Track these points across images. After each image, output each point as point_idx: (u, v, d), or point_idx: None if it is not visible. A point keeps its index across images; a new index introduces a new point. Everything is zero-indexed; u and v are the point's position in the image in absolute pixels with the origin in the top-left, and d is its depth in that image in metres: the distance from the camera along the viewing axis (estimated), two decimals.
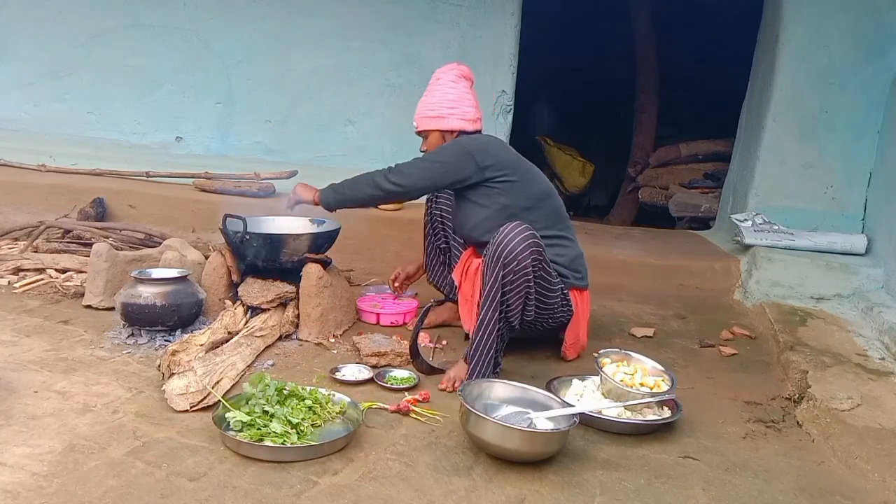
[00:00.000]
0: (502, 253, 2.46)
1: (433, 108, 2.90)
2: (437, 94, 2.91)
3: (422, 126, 2.94)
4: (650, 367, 2.56)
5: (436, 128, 2.90)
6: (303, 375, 2.61)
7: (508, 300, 2.50)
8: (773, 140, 4.44)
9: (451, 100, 2.89)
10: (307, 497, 1.87)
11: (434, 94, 2.92)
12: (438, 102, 2.89)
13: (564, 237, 2.85)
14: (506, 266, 2.46)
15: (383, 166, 3.21)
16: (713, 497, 2.02)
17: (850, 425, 2.40)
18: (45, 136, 5.14)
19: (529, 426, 2.17)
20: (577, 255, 2.88)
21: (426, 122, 2.92)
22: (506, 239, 2.47)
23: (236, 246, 2.99)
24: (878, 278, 3.86)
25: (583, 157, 7.00)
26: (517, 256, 2.45)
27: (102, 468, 1.93)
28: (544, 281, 2.62)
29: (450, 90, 2.90)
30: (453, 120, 2.88)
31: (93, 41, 5.14)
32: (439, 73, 2.97)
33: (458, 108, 2.89)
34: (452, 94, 2.90)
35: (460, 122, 2.88)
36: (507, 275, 2.47)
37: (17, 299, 3.20)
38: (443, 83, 2.93)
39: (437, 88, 2.93)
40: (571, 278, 2.81)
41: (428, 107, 2.92)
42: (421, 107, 2.95)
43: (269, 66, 5.06)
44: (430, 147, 2.93)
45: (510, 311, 2.53)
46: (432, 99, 2.92)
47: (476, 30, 4.81)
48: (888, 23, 4.19)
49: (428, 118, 2.91)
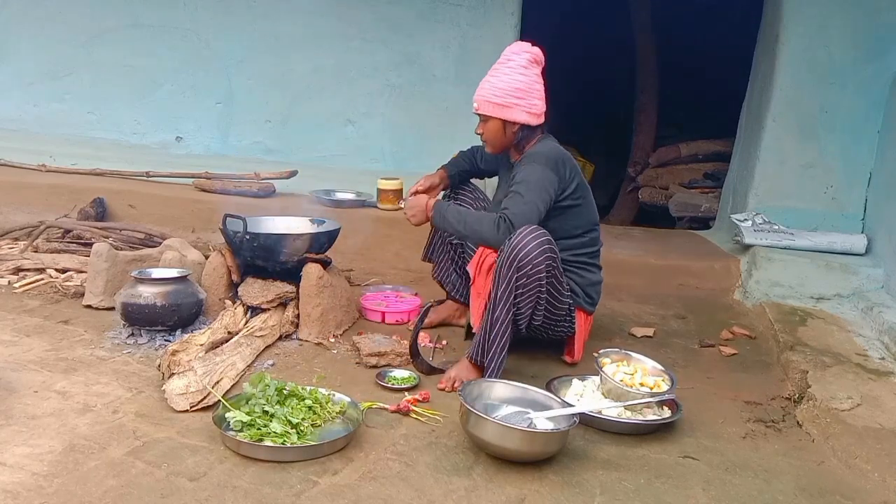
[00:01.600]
0: (517, 256, 2.44)
1: (499, 95, 2.67)
2: (506, 78, 2.67)
3: (483, 110, 2.72)
4: (650, 366, 2.56)
5: (499, 116, 2.69)
6: (303, 375, 2.61)
7: (519, 303, 2.50)
8: (773, 140, 4.44)
9: (519, 88, 2.66)
10: (307, 497, 1.87)
11: (502, 78, 2.68)
12: (506, 89, 2.66)
13: (594, 264, 2.87)
14: (520, 269, 2.44)
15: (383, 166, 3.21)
16: (713, 497, 2.02)
17: (850, 425, 2.40)
18: (45, 136, 5.14)
19: (529, 426, 2.17)
20: (596, 281, 2.88)
21: (489, 108, 2.70)
22: (521, 243, 2.44)
23: (236, 246, 2.99)
24: (878, 278, 3.86)
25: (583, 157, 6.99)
26: (532, 261, 2.43)
27: (102, 468, 1.93)
28: (554, 289, 2.62)
29: (520, 76, 2.67)
30: (518, 112, 2.68)
31: (93, 41, 5.14)
32: (511, 53, 2.72)
33: (525, 99, 2.67)
34: (522, 81, 2.67)
35: (525, 116, 2.69)
36: (520, 278, 2.45)
37: (17, 299, 3.20)
38: (514, 67, 2.68)
39: (506, 71, 2.68)
40: (582, 299, 2.81)
41: (493, 90, 2.68)
42: (485, 87, 2.71)
43: (269, 66, 5.06)
44: (489, 134, 2.75)
45: (519, 314, 2.52)
46: (499, 83, 2.68)
47: (476, 30, 4.81)
48: (888, 23, 4.19)
49: (492, 104, 2.69)
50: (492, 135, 2.76)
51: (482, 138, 2.81)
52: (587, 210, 2.79)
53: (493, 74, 2.72)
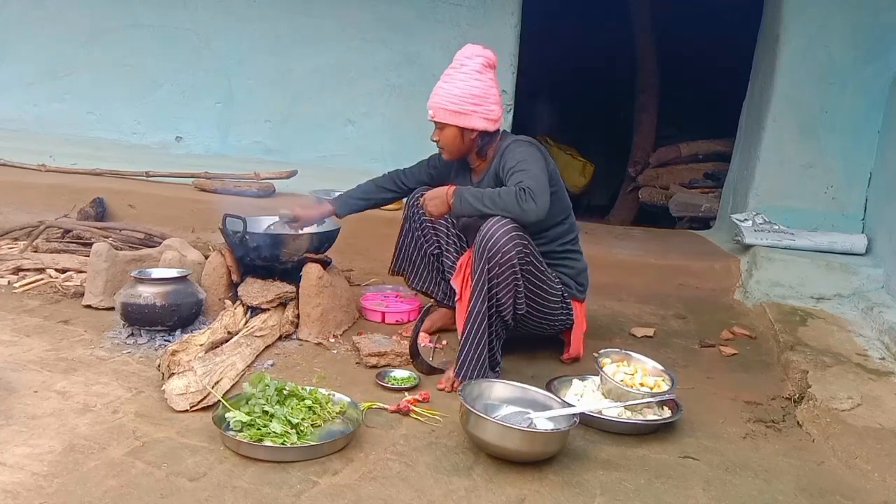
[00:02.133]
0: (486, 246, 2.45)
1: (455, 102, 2.64)
2: (461, 84, 2.64)
3: (439, 117, 2.68)
4: (650, 367, 2.56)
5: (455, 123, 2.66)
6: (303, 375, 2.61)
7: (497, 294, 2.49)
8: (773, 140, 4.44)
9: (475, 95, 2.63)
10: (307, 497, 1.87)
11: (457, 84, 2.65)
12: (461, 96, 2.63)
13: (577, 251, 2.88)
14: (490, 260, 2.45)
15: (383, 166, 3.21)
16: (713, 497, 2.02)
17: (850, 425, 2.40)
18: (45, 136, 5.13)
19: (529, 426, 2.17)
20: (583, 268, 2.90)
21: (445, 115, 2.67)
22: (489, 233, 2.46)
23: (236, 246, 2.99)
24: (879, 278, 3.86)
25: (583, 157, 6.99)
26: (501, 249, 2.44)
27: (102, 468, 1.93)
28: (534, 276, 2.62)
29: (475, 82, 2.64)
30: (476, 119, 2.65)
31: (93, 41, 5.14)
32: (463, 58, 2.68)
33: (482, 106, 2.64)
34: (478, 87, 2.64)
35: (483, 122, 2.66)
36: (492, 268, 2.46)
37: (17, 299, 3.19)
38: (468, 72, 2.65)
39: (460, 77, 2.65)
40: (574, 290, 2.83)
41: (449, 97, 2.65)
42: (441, 94, 2.67)
43: (269, 66, 5.05)
44: (446, 141, 2.72)
45: (501, 305, 2.51)
46: (454, 89, 2.64)
47: (476, 30, 4.80)
48: (888, 23, 4.19)
49: (448, 111, 2.65)
50: (448, 142, 2.72)
51: (438, 145, 2.77)
52: (562, 195, 2.79)
53: (446, 80, 2.68)
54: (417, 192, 2.99)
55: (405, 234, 3.09)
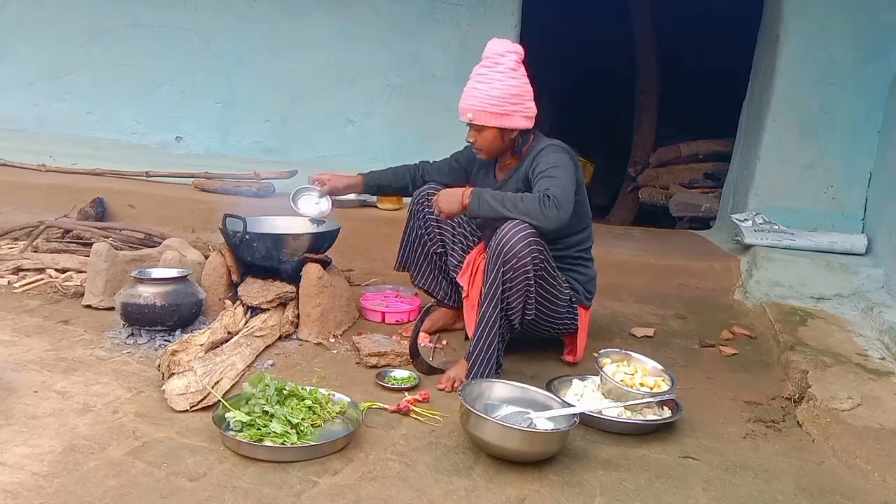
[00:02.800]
0: (502, 250, 2.44)
1: (494, 103, 2.56)
2: (499, 84, 2.55)
3: (479, 120, 2.60)
4: (650, 367, 2.56)
5: (496, 125, 2.60)
6: (303, 375, 2.61)
7: (509, 298, 2.49)
8: (773, 140, 4.44)
9: (514, 94, 2.57)
10: (307, 497, 1.87)
11: (495, 84, 2.56)
12: (500, 97, 2.55)
13: (590, 259, 2.88)
14: (506, 263, 2.44)
15: (383, 166, 3.20)
16: (713, 497, 2.02)
17: (850, 425, 2.40)
18: (45, 136, 5.14)
19: (529, 426, 2.17)
20: (593, 276, 2.90)
21: (485, 118, 2.58)
22: (506, 237, 2.44)
23: (236, 246, 2.99)
24: (879, 278, 3.85)
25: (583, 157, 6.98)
26: (517, 254, 2.43)
27: (102, 468, 1.93)
28: (546, 282, 2.62)
29: (512, 80, 2.57)
30: (517, 118, 2.59)
31: (93, 41, 5.14)
32: (496, 56, 2.58)
33: (521, 104, 2.58)
34: (515, 85, 2.57)
35: (524, 122, 2.61)
36: (507, 272, 2.45)
37: (17, 299, 3.19)
38: (504, 70, 2.56)
39: (497, 77, 2.56)
40: (582, 296, 2.83)
41: (488, 99, 2.56)
42: (478, 96, 2.58)
43: (269, 66, 5.05)
44: (484, 142, 2.66)
45: (511, 309, 2.51)
46: (492, 90, 2.56)
47: (476, 30, 4.80)
48: (888, 23, 4.19)
49: (489, 113, 2.57)
50: (488, 143, 2.67)
51: (475, 146, 2.71)
52: (585, 205, 2.79)
53: (481, 80, 2.60)
54: (423, 191, 2.97)
55: (409, 231, 3.07)
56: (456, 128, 2.84)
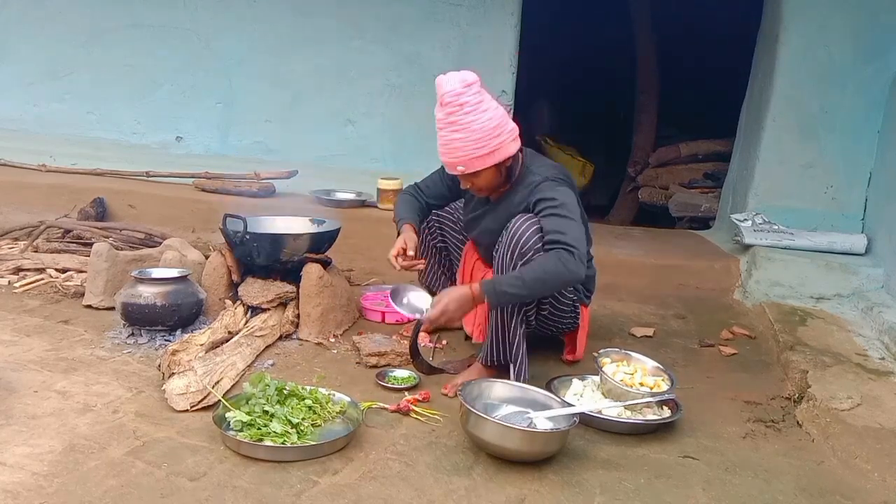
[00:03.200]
0: (517, 242, 2.44)
1: (480, 146, 2.41)
2: (475, 125, 2.40)
3: (472, 168, 2.47)
4: (650, 366, 2.57)
5: (491, 165, 2.47)
6: (303, 375, 2.61)
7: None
8: (773, 140, 4.44)
9: (494, 127, 2.42)
10: (307, 497, 1.87)
11: (471, 126, 2.40)
12: (483, 136, 2.41)
13: (590, 258, 2.86)
14: (523, 256, 2.43)
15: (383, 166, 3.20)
16: (713, 497, 2.02)
17: (850, 425, 2.40)
18: (45, 136, 5.13)
19: (529, 426, 2.17)
20: (592, 274, 2.90)
21: (479, 163, 2.46)
22: (518, 230, 2.45)
23: (236, 246, 2.99)
24: (878, 278, 3.85)
25: (583, 157, 6.98)
26: (533, 246, 2.43)
27: (102, 468, 1.93)
28: None
29: (484, 114, 2.41)
30: (506, 147, 2.48)
31: (93, 41, 5.14)
32: (454, 96, 2.39)
33: (504, 131, 2.46)
34: (490, 118, 2.42)
35: (513, 146, 2.51)
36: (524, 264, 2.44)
37: (17, 299, 3.20)
38: (471, 108, 2.39)
39: (468, 119, 2.40)
40: (582, 293, 2.84)
41: (472, 144, 2.41)
42: (459, 147, 2.43)
43: (269, 66, 5.05)
44: (484, 184, 2.56)
45: (527, 305, 2.52)
46: (472, 134, 2.40)
47: (476, 30, 4.80)
48: (888, 23, 4.18)
49: (479, 158, 2.44)
50: (488, 182, 2.57)
51: (474, 190, 2.63)
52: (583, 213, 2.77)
53: (456, 129, 2.41)
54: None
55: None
56: None
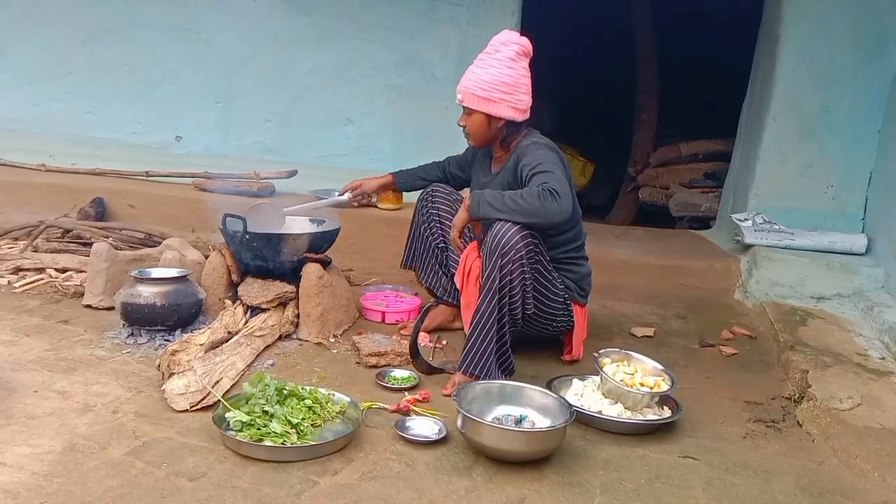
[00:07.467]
0: (499, 243, 2.45)
1: (484, 88, 2.61)
2: (493, 70, 2.60)
3: (468, 102, 2.66)
4: (650, 366, 2.56)
5: (483, 110, 2.64)
6: (303, 375, 2.61)
7: (510, 291, 2.48)
8: (773, 140, 4.44)
9: (506, 83, 2.60)
10: (307, 497, 1.87)
11: (488, 70, 2.61)
12: (491, 82, 2.60)
13: (582, 257, 2.88)
14: (503, 256, 2.44)
15: (383, 166, 3.22)
16: (713, 497, 2.02)
17: (850, 425, 2.40)
18: (45, 136, 5.13)
19: (524, 425, 2.16)
20: (587, 273, 2.90)
21: (473, 101, 2.64)
22: (501, 231, 2.46)
23: (236, 246, 2.99)
24: (879, 278, 3.86)
25: (583, 157, 6.99)
26: (514, 246, 2.44)
27: (102, 468, 1.93)
28: (542, 276, 2.62)
29: (507, 69, 2.60)
30: (504, 107, 2.63)
31: (93, 41, 5.14)
32: (498, 44, 2.64)
33: (512, 94, 2.62)
34: (509, 75, 2.60)
35: (510, 112, 2.64)
36: (504, 265, 2.45)
37: (17, 299, 3.19)
38: (501, 59, 2.61)
39: (493, 63, 2.61)
40: (576, 293, 2.83)
41: (478, 83, 2.62)
42: (471, 79, 2.64)
43: (269, 65, 5.05)
44: (472, 127, 2.71)
45: (513, 302, 2.51)
46: (485, 75, 2.61)
47: (476, 29, 4.80)
48: (888, 23, 4.19)
49: (476, 97, 2.63)
50: (475, 128, 2.72)
51: (464, 130, 2.77)
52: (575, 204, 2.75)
53: (478, 65, 2.65)
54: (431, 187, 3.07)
55: (415, 227, 3.11)
56: (456, 127, 2.85)
